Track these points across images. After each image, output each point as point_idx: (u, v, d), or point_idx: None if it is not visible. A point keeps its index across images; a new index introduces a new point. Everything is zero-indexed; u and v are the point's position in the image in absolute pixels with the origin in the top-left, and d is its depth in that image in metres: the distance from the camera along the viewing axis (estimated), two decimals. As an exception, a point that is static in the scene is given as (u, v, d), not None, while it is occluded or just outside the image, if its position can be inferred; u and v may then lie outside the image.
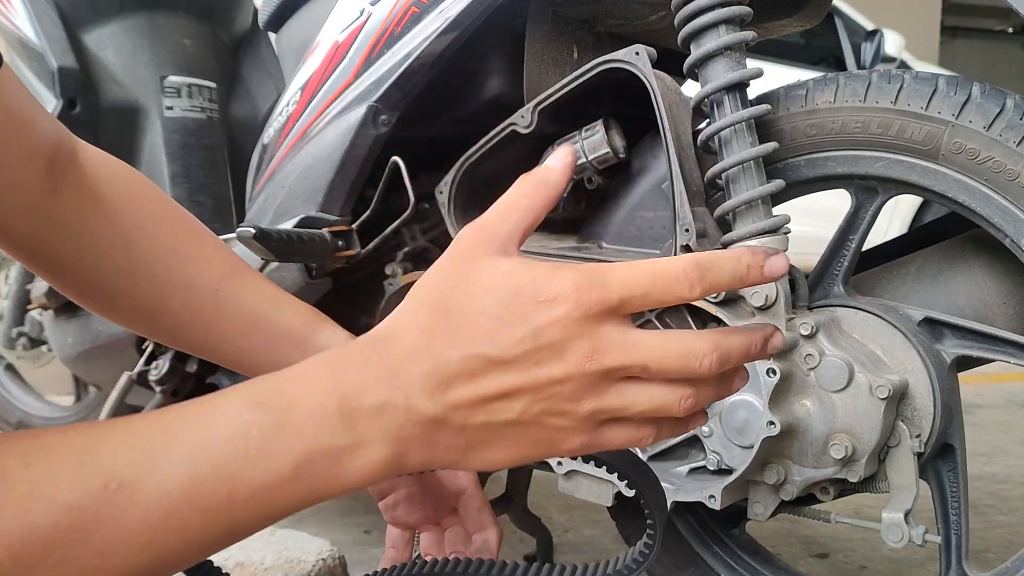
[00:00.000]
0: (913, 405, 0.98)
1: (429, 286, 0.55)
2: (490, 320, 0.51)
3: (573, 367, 0.51)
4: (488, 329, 0.51)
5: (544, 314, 0.51)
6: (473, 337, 0.51)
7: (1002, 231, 0.93)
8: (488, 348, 0.51)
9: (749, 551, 1.20)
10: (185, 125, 1.75)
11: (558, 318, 0.51)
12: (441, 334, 0.52)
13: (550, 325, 0.51)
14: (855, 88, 0.99)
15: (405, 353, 0.52)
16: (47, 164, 0.77)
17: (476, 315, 0.52)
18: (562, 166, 0.58)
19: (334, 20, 1.26)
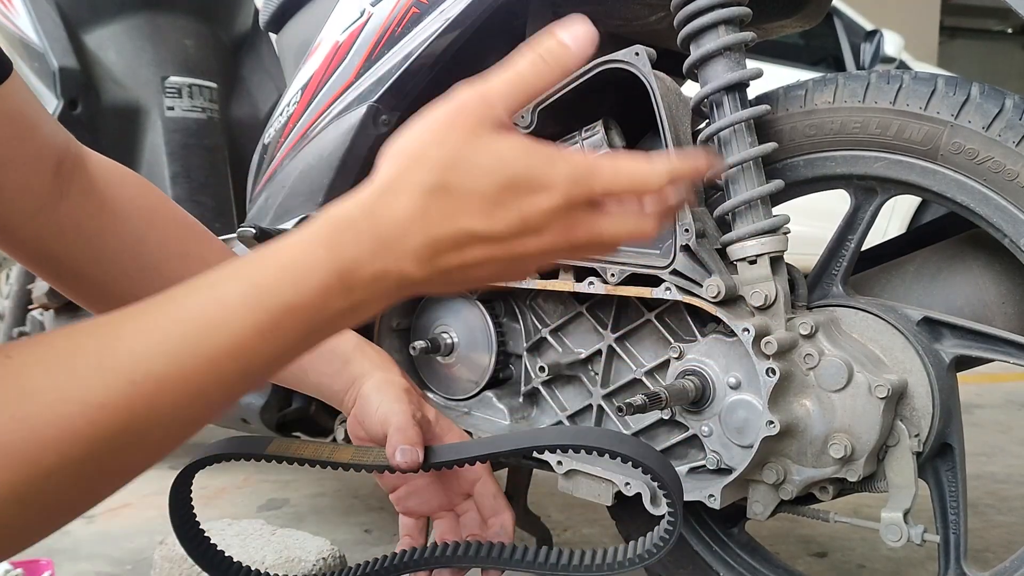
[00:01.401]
0: (912, 405, 0.98)
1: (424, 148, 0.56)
2: (484, 201, 0.55)
3: (547, 243, 0.56)
4: (481, 209, 0.55)
5: (534, 202, 0.55)
6: (466, 214, 0.55)
7: (1001, 231, 0.93)
8: (479, 226, 0.55)
9: (748, 550, 1.20)
10: (186, 125, 1.75)
11: (546, 207, 0.55)
12: (435, 207, 0.55)
13: (538, 212, 0.55)
14: (854, 88, 1.00)
15: (398, 222, 0.55)
16: (54, 169, 0.78)
17: (471, 193, 0.55)
18: (580, 50, 0.58)
19: (335, 21, 1.26)
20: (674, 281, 1.01)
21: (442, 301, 1.26)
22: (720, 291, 0.97)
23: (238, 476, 2.16)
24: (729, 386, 1.00)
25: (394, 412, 0.84)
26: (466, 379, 1.25)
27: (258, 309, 0.53)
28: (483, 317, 1.22)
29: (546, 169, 0.55)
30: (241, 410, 1.39)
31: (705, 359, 1.02)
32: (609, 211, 0.57)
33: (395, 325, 1.29)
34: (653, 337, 1.11)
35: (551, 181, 0.55)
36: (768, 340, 0.95)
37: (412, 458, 0.81)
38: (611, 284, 1.06)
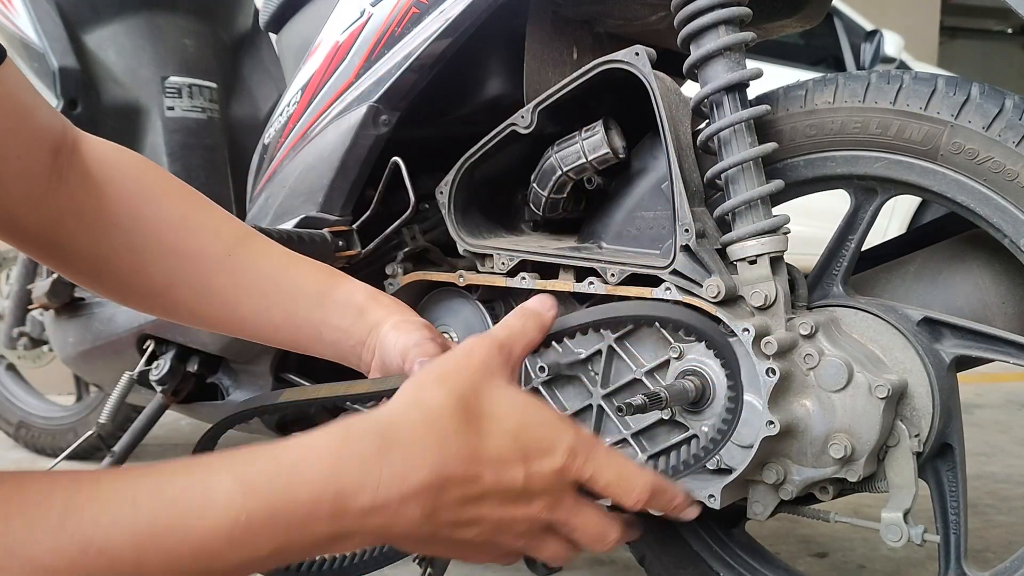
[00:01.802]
0: (912, 405, 0.98)
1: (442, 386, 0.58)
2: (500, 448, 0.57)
3: (532, 512, 0.59)
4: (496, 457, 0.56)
5: (538, 463, 0.58)
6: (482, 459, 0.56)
7: (1001, 231, 0.93)
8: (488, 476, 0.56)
9: (748, 550, 1.20)
10: (186, 125, 1.75)
11: (546, 472, 0.58)
12: (452, 449, 0.55)
13: (537, 474, 0.58)
14: (854, 88, 1.00)
15: (412, 459, 0.54)
16: (52, 153, 0.78)
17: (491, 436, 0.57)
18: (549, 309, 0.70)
19: (335, 21, 1.26)
20: (674, 281, 1.01)
21: (442, 301, 1.26)
22: (720, 291, 0.97)
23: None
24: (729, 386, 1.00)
25: (413, 339, 0.76)
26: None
27: (240, 510, 0.50)
28: (483, 317, 1.22)
29: (555, 434, 0.59)
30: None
31: (705, 359, 1.02)
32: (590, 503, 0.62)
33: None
34: (653, 337, 1.11)
35: (556, 446, 0.58)
36: (768, 340, 0.95)
37: None
38: (611, 284, 1.06)
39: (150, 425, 1.44)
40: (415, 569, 1.29)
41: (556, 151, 1.12)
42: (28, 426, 2.34)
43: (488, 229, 1.23)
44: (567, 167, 1.11)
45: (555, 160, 1.12)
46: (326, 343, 0.86)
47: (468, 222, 1.20)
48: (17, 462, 2.31)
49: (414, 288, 1.25)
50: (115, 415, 1.46)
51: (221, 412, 1.43)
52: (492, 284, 1.17)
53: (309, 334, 0.86)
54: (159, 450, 2.35)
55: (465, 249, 1.18)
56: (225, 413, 1.47)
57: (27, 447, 2.38)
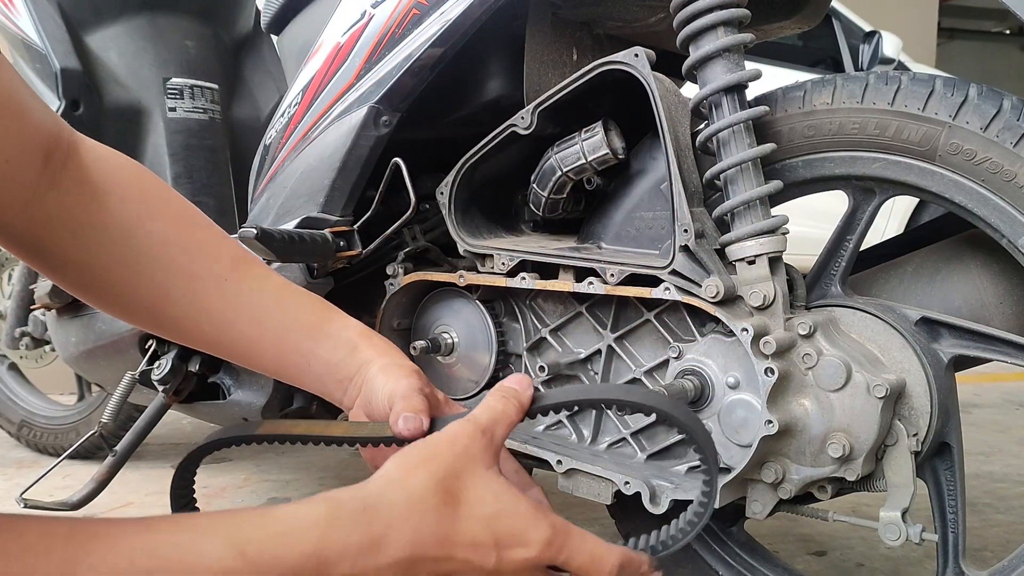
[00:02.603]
0: (910, 404, 0.99)
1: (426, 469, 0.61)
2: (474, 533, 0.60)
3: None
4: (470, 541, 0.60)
5: (513, 552, 0.61)
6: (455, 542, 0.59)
7: (999, 231, 0.94)
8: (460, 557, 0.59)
9: (747, 549, 1.20)
10: (188, 126, 1.76)
11: (519, 559, 0.61)
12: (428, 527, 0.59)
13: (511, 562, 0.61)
14: (853, 89, 1.00)
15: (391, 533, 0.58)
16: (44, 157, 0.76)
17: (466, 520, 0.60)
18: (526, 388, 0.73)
19: (336, 22, 1.26)
20: (673, 281, 1.02)
21: (443, 301, 1.26)
22: (719, 291, 0.98)
23: (239, 476, 2.16)
24: (728, 386, 1.01)
25: (400, 387, 0.78)
26: (466, 379, 1.25)
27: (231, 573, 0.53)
28: (483, 317, 1.22)
29: (531, 524, 0.62)
30: (242, 409, 1.40)
31: (704, 359, 1.03)
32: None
33: (396, 325, 1.30)
34: (652, 337, 1.12)
35: (532, 538, 0.62)
36: (767, 340, 0.96)
37: (416, 425, 0.73)
38: (611, 284, 1.06)
39: (152, 425, 1.44)
40: None
41: (556, 152, 1.13)
42: (30, 426, 2.35)
43: (488, 229, 1.23)
44: (567, 168, 1.12)
45: (555, 161, 1.13)
46: (313, 375, 0.87)
47: (468, 222, 1.21)
48: (19, 461, 2.31)
49: (414, 288, 1.26)
50: (117, 415, 1.46)
51: (222, 412, 1.44)
52: (492, 284, 1.17)
53: (297, 364, 0.87)
54: (160, 449, 2.35)
55: (465, 249, 1.18)
56: (226, 413, 1.47)
57: (29, 446, 2.38)
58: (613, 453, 1.14)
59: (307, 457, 2.31)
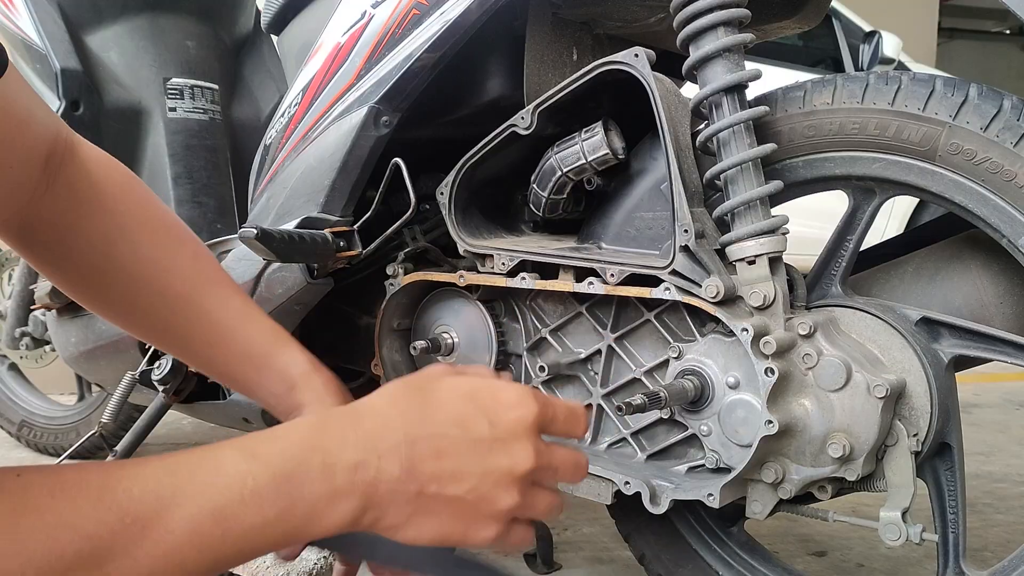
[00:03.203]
0: (911, 404, 0.99)
1: (403, 380, 0.66)
2: (458, 407, 0.63)
3: (515, 462, 0.63)
4: (456, 414, 0.62)
5: (504, 414, 0.63)
6: (443, 420, 0.62)
7: (999, 231, 0.94)
8: (456, 430, 0.62)
9: (747, 549, 1.20)
10: (188, 126, 1.76)
11: (512, 418, 0.63)
12: (414, 414, 0.62)
13: (507, 423, 0.63)
14: (853, 89, 1.00)
15: (381, 423, 0.61)
16: (44, 162, 0.78)
17: (446, 403, 0.63)
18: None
19: (336, 22, 1.26)
20: (673, 281, 1.02)
21: (443, 301, 1.26)
22: (719, 291, 0.98)
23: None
24: (728, 386, 1.01)
25: None
26: (467, 379, 1.25)
27: (246, 474, 0.57)
28: (483, 317, 1.22)
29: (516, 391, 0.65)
30: (242, 409, 1.40)
31: (704, 359, 1.03)
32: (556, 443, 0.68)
33: (396, 325, 1.29)
34: (652, 337, 1.12)
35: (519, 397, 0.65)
36: (767, 340, 0.96)
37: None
38: (611, 284, 1.06)
39: (152, 424, 1.44)
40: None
41: (556, 152, 1.13)
42: (30, 426, 2.35)
43: (488, 230, 1.23)
44: (567, 168, 1.12)
45: (555, 161, 1.13)
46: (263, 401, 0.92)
47: (468, 223, 1.21)
48: (20, 461, 2.31)
49: (414, 288, 1.26)
50: (117, 415, 1.46)
51: (223, 411, 1.44)
52: (492, 284, 1.17)
53: (246, 389, 0.92)
54: (161, 449, 2.35)
55: (465, 249, 1.18)
56: (227, 412, 1.47)
57: (29, 447, 2.38)
58: (613, 453, 1.14)
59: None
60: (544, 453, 0.66)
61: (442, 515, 0.62)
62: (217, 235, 1.68)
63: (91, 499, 0.52)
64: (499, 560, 1.61)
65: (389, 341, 1.30)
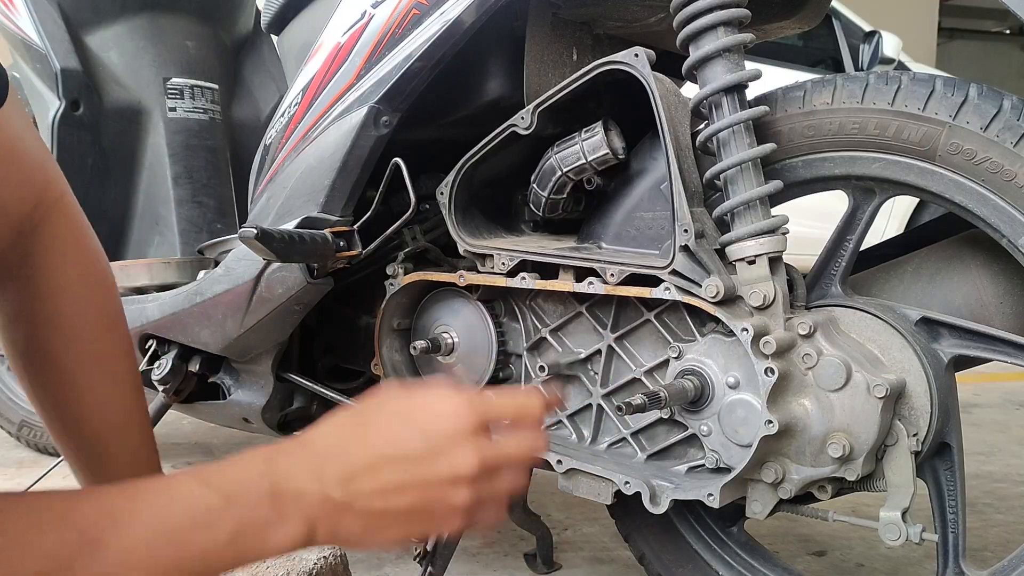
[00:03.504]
0: (910, 404, 0.99)
1: (346, 411, 0.69)
2: (392, 427, 0.66)
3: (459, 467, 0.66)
4: (391, 434, 0.66)
5: (436, 424, 0.66)
6: (379, 443, 0.65)
7: (999, 231, 0.94)
8: (389, 449, 0.65)
9: (747, 549, 1.20)
10: (188, 126, 1.76)
11: (446, 429, 0.66)
12: (354, 439, 0.66)
13: (441, 434, 0.66)
14: (853, 89, 1.00)
15: (324, 452, 0.65)
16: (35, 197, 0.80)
17: (382, 426, 0.66)
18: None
19: (336, 22, 1.26)
20: (673, 281, 1.02)
21: (443, 301, 1.26)
22: (719, 291, 0.98)
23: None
24: (728, 386, 1.01)
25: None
26: (466, 379, 1.25)
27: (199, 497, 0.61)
28: (483, 317, 1.22)
29: (446, 398, 0.67)
30: (242, 409, 1.40)
31: (704, 359, 1.03)
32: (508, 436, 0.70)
33: (396, 325, 1.30)
34: (652, 337, 1.12)
35: (452, 408, 0.67)
36: (767, 340, 0.96)
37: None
38: (611, 284, 1.06)
39: (152, 425, 1.44)
40: (416, 568, 1.29)
41: (556, 152, 1.13)
42: (30, 426, 2.34)
43: (488, 229, 1.23)
44: (567, 168, 1.12)
45: (555, 161, 1.13)
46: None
47: (468, 222, 1.21)
48: (20, 461, 2.31)
49: (414, 288, 1.26)
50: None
51: (223, 411, 1.44)
52: (492, 284, 1.17)
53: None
54: (161, 449, 2.35)
55: (465, 249, 1.18)
56: (227, 412, 1.47)
57: (29, 446, 2.38)
58: (613, 453, 1.14)
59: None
60: (490, 448, 0.68)
61: (397, 523, 0.66)
62: (217, 235, 1.68)
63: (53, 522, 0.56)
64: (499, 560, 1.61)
65: (389, 341, 1.30)
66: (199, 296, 1.33)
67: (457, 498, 0.67)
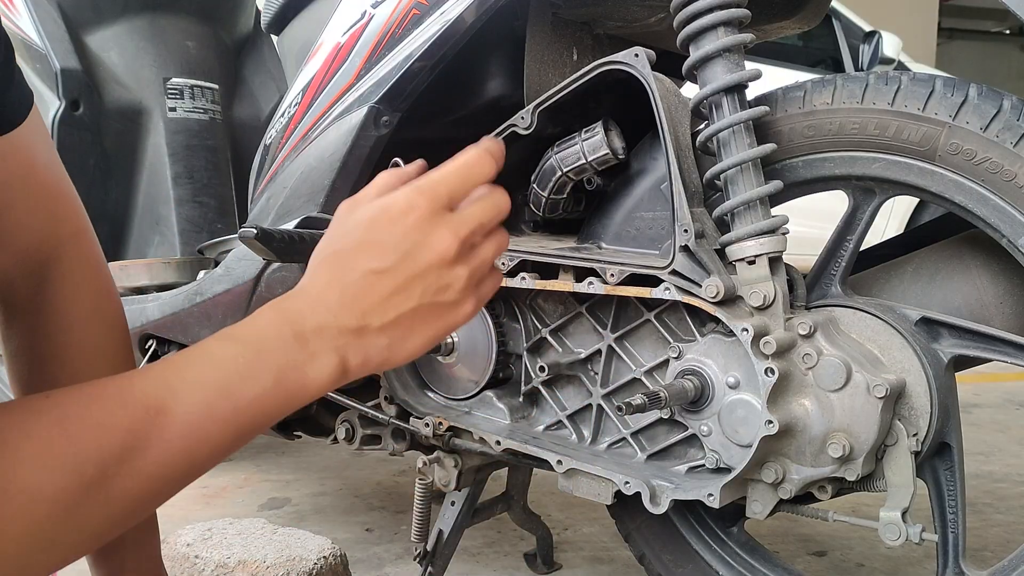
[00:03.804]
0: (910, 404, 0.99)
1: (319, 247, 0.71)
2: (365, 244, 0.68)
3: (441, 250, 0.68)
4: (367, 251, 0.67)
5: (400, 224, 0.67)
6: (358, 259, 0.67)
7: (999, 231, 0.94)
8: (373, 263, 0.67)
9: (747, 549, 1.20)
10: (188, 126, 1.76)
11: (412, 223, 0.67)
12: (338, 268, 0.68)
13: (409, 230, 0.67)
14: (853, 90, 1.00)
15: (321, 288, 0.68)
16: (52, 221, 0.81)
17: (355, 245, 0.68)
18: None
19: (336, 22, 1.26)
20: (673, 281, 1.02)
21: (443, 301, 1.26)
22: (719, 291, 0.98)
23: (239, 476, 2.16)
24: (728, 386, 1.01)
25: None
26: (466, 379, 1.25)
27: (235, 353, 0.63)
28: (483, 317, 1.22)
29: (393, 200, 0.69)
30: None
31: (704, 359, 1.03)
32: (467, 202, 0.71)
33: (396, 325, 1.29)
34: (652, 337, 1.12)
35: (402, 204, 0.68)
36: (767, 340, 0.96)
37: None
38: (611, 284, 1.07)
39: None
40: (416, 568, 1.30)
41: (556, 152, 1.13)
42: (29, 426, 2.34)
43: (488, 229, 1.23)
44: (567, 168, 1.12)
45: (555, 161, 1.13)
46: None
47: (469, 222, 1.21)
48: (18, 462, 2.31)
49: (415, 288, 1.26)
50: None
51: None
52: (492, 284, 1.17)
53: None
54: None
55: (466, 249, 1.18)
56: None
57: (28, 447, 2.38)
58: (613, 453, 1.14)
59: (307, 458, 2.31)
60: (460, 222, 0.69)
61: (415, 326, 0.69)
62: (217, 235, 1.68)
63: (116, 401, 0.59)
64: (499, 559, 1.61)
65: None
66: (199, 296, 1.34)
67: (454, 278, 0.69)
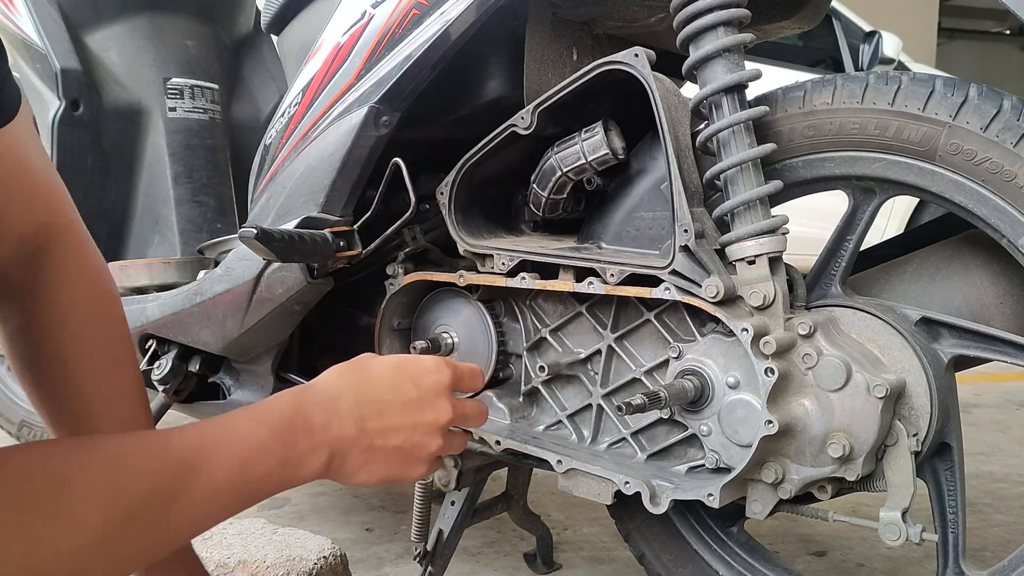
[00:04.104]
0: (910, 404, 0.99)
1: (344, 363, 0.83)
2: (390, 378, 0.81)
3: (438, 416, 0.83)
4: (390, 384, 0.81)
5: (426, 378, 0.83)
6: (380, 388, 0.80)
7: (999, 231, 0.94)
8: (390, 396, 0.80)
9: (747, 549, 1.20)
10: (188, 126, 1.76)
11: (432, 382, 0.84)
12: (358, 386, 0.80)
13: (430, 384, 0.83)
14: (853, 89, 1.00)
15: (335, 394, 0.78)
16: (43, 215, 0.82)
17: (381, 375, 0.81)
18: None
19: (336, 22, 1.26)
20: (673, 281, 1.02)
21: (443, 301, 1.27)
22: (719, 291, 0.98)
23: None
24: (728, 386, 1.01)
25: None
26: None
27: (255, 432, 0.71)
28: (483, 317, 1.22)
29: (430, 360, 0.85)
30: (242, 410, 1.39)
31: (704, 359, 1.03)
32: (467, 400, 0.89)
33: (396, 325, 1.30)
34: (652, 337, 1.12)
35: (434, 366, 0.85)
36: (767, 340, 0.96)
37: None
38: (611, 284, 1.06)
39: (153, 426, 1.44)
40: (416, 568, 1.30)
41: (556, 152, 1.13)
42: (30, 426, 2.34)
43: (488, 229, 1.23)
44: (567, 168, 1.12)
45: (555, 161, 1.13)
46: None
47: (468, 222, 1.21)
48: (18, 462, 2.31)
49: (414, 288, 1.26)
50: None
51: (222, 412, 1.43)
52: (492, 284, 1.17)
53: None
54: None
55: (465, 249, 1.18)
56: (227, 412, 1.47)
57: (28, 447, 2.38)
58: (613, 453, 1.14)
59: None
60: (457, 406, 0.85)
61: (386, 461, 0.79)
62: (217, 235, 1.68)
63: (158, 452, 0.66)
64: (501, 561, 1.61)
65: (389, 341, 1.30)
66: (199, 296, 1.34)
67: (432, 443, 0.82)
